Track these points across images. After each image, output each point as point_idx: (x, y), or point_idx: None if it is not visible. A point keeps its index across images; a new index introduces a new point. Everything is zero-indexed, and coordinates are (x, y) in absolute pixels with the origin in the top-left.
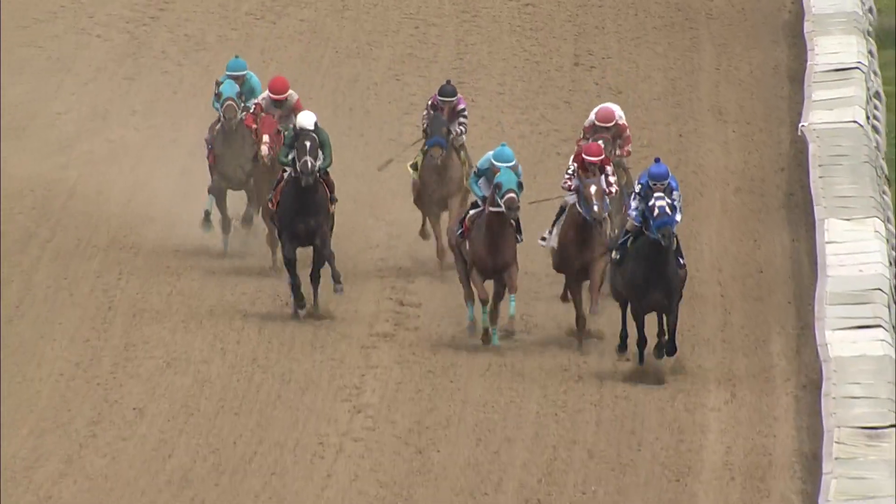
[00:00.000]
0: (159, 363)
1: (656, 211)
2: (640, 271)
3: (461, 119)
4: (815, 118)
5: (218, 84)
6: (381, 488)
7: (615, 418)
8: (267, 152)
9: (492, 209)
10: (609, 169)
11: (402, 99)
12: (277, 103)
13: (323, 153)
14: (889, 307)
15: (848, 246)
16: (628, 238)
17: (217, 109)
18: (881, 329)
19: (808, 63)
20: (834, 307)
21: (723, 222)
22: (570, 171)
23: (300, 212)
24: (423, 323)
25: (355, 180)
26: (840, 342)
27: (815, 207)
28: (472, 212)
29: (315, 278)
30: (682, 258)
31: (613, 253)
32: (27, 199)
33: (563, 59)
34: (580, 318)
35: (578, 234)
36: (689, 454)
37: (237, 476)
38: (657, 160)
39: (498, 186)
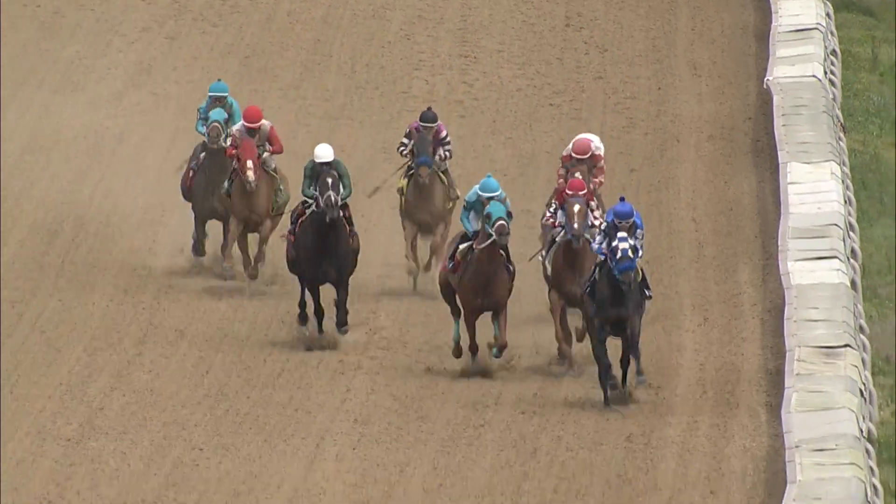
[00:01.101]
0: (198, 290)
1: (619, 254)
2: (606, 300)
3: (446, 146)
4: (778, 73)
5: (202, 111)
6: (395, 401)
7: None
8: (253, 178)
9: (481, 246)
10: (593, 204)
11: (412, 56)
12: (251, 132)
13: (343, 184)
14: (844, 240)
15: (808, 186)
16: (595, 271)
17: (201, 132)
18: (837, 260)
19: (773, 24)
20: (795, 240)
21: (697, 166)
22: (552, 209)
23: (322, 250)
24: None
25: (372, 129)
26: (800, 271)
27: (779, 152)
28: (462, 245)
29: (339, 305)
30: (649, 289)
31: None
32: (81, 145)
33: (556, 21)
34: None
35: (568, 260)
36: (667, 370)
37: (267, 390)
38: (622, 199)
39: (488, 217)
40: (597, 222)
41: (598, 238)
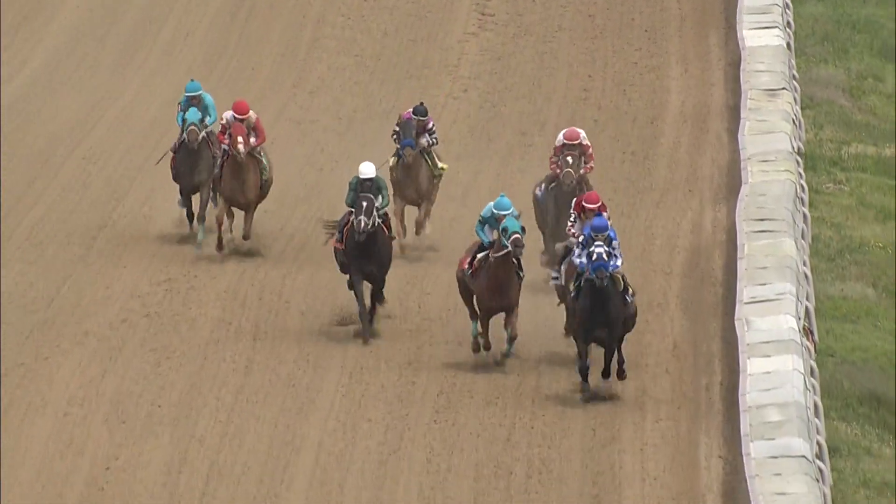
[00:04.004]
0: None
1: (594, 256)
2: (587, 309)
3: (432, 133)
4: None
5: (181, 106)
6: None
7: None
8: (243, 150)
9: (496, 255)
10: (605, 214)
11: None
12: (240, 121)
13: (381, 197)
14: (782, 15)
15: None
16: (579, 282)
17: (179, 124)
18: (777, 29)
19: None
20: (748, 15)
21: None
22: (571, 219)
23: (364, 254)
24: None
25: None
26: (751, 37)
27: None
28: (479, 255)
29: (375, 296)
30: (629, 296)
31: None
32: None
33: None
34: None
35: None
36: (659, 105)
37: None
38: (599, 214)
39: (504, 230)
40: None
41: (576, 252)
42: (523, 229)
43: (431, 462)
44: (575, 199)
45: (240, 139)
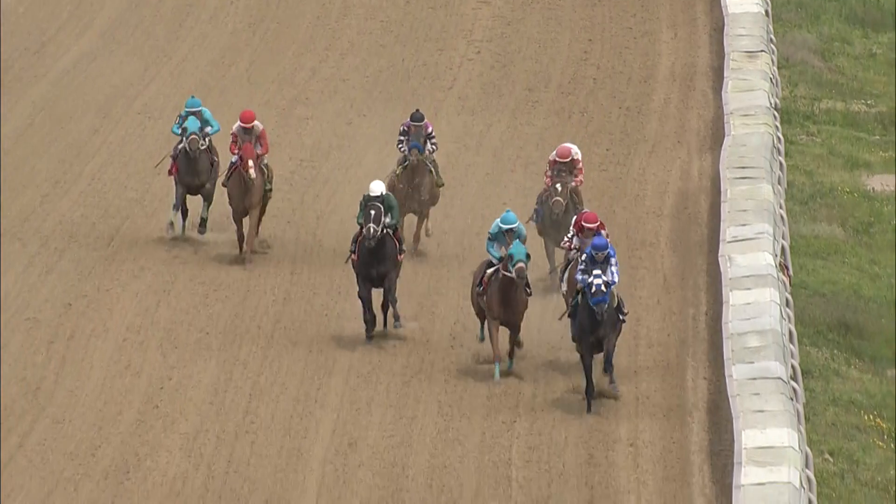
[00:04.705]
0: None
1: (594, 289)
2: (585, 323)
3: (432, 139)
4: None
5: (181, 118)
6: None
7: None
8: (254, 175)
9: (505, 273)
10: (604, 232)
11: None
12: (246, 130)
13: (391, 215)
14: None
15: None
16: (577, 297)
17: (176, 133)
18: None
19: None
20: None
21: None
22: (570, 235)
23: (374, 261)
24: None
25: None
26: (732, 4)
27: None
28: (489, 270)
29: (385, 308)
30: (624, 313)
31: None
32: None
33: None
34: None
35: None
36: (651, 65)
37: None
38: (598, 234)
39: (510, 258)
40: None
41: (578, 271)
42: (528, 256)
43: (449, 382)
44: (575, 218)
45: (251, 163)
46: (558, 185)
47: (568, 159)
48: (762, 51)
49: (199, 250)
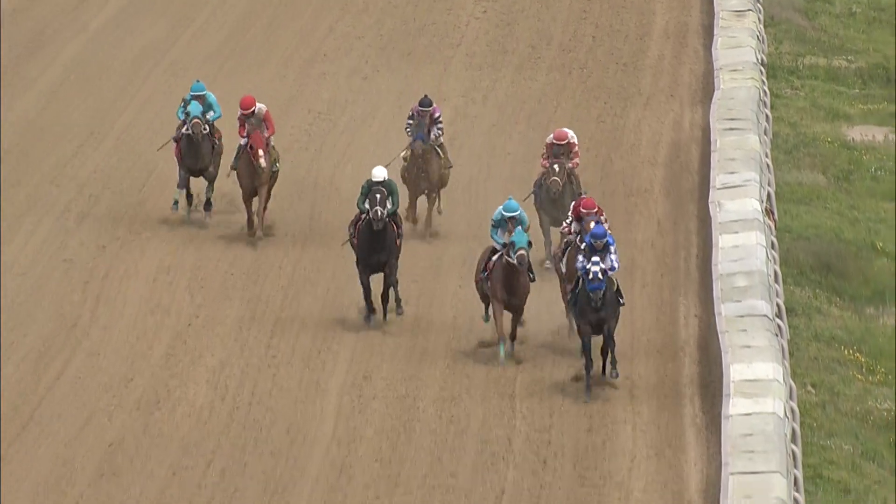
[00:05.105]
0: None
1: (591, 275)
2: (584, 309)
3: (438, 124)
4: None
5: (185, 102)
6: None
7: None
8: (264, 164)
9: (508, 259)
10: (603, 217)
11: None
12: (248, 116)
13: (392, 200)
14: None
15: None
16: (578, 282)
17: (181, 118)
18: None
19: None
20: None
21: None
22: (568, 220)
23: (374, 247)
24: None
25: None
26: None
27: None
28: (493, 257)
29: (385, 298)
30: (622, 297)
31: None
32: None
33: None
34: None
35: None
36: (646, 24)
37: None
38: (597, 223)
39: (511, 245)
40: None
41: (579, 258)
42: (530, 244)
43: (457, 319)
44: (573, 204)
45: (261, 152)
46: (556, 166)
47: (564, 142)
48: (749, 10)
49: (224, 199)
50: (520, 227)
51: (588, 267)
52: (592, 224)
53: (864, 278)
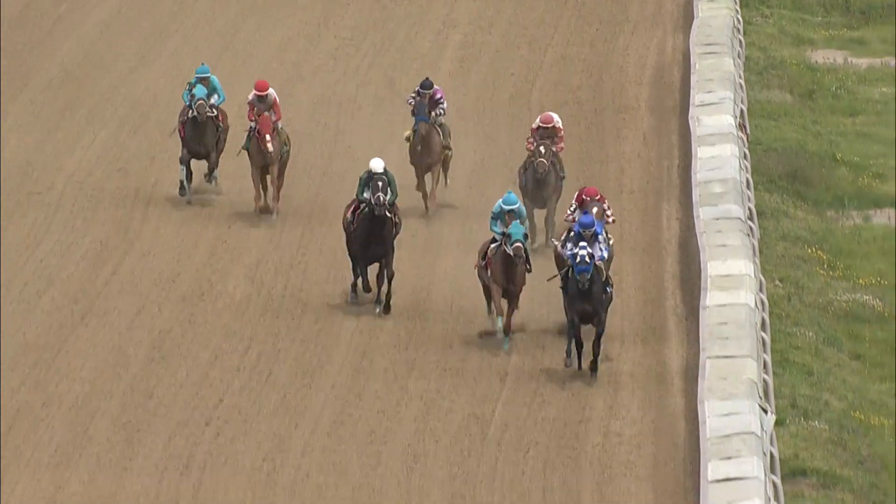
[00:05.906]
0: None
1: (578, 258)
2: (574, 296)
3: (441, 104)
4: None
5: (190, 85)
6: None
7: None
8: (272, 148)
9: (506, 249)
10: (605, 204)
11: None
12: (261, 98)
13: (391, 189)
14: None
15: None
16: (567, 271)
17: (185, 101)
18: None
19: None
20: None
21: None
22: (571, 209)
23: (372, 238)
24: None
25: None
26: None
27: None
28: (492, 245)
29: (380, 282)
30: (610, 286)
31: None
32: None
33: None
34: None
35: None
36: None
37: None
38: (585, 212)
39: (508, 237)
40: (611, 220)
41: (568, 245)
42: (526, 236)
43: (460, 268)
44: (577, 192)
45: (268, 137)
46: (542, 148)
47: (550, 125)
48: None
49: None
50: (517, 221)
51: (575, 251)
52: (595, 210)
53: (825, 185)
